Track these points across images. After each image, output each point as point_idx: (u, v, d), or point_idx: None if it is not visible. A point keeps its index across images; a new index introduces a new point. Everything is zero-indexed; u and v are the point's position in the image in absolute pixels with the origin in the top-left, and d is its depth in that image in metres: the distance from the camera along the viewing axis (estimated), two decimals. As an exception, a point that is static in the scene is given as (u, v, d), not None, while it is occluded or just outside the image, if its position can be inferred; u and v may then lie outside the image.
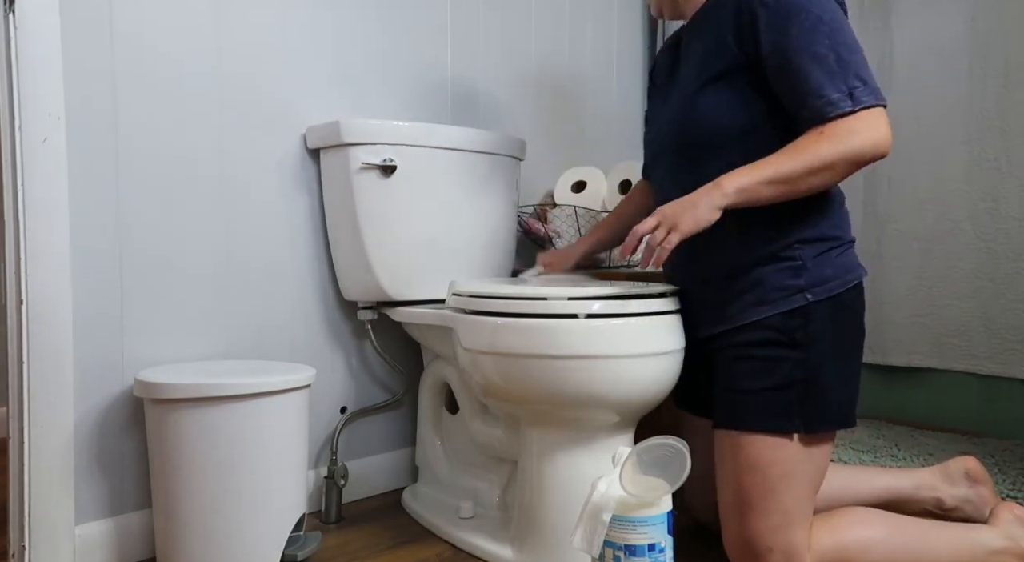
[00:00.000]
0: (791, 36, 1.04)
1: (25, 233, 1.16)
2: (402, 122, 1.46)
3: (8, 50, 1.14)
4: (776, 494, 1.05)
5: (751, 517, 1.06)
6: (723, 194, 1.04)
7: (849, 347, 1.12)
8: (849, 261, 1.13)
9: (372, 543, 1.37)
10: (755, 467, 1.07)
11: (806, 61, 1.03)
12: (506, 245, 1.65)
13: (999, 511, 1.18)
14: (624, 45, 2.20)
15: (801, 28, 1.03)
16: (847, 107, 1.01)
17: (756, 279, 1.11)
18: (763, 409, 1.08)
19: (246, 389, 1.15)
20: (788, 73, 1.05)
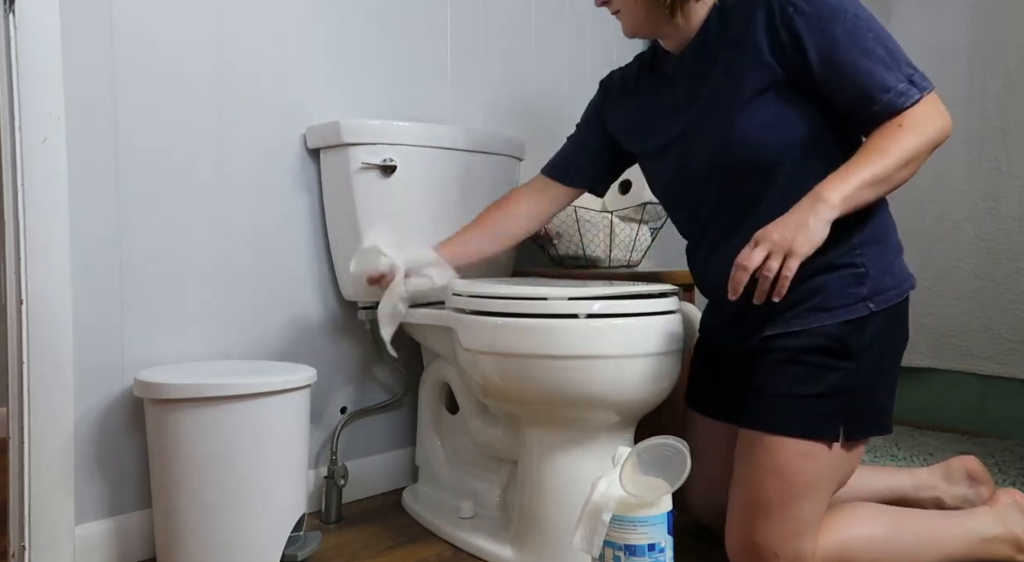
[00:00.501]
0: (837, 36, 1.03)
1: (25, 233, 1.16)
2: (402, 122, 1.46)
3: (8, 50, 1.14)
4: (797, 502, 1.04)
5: (765, 522, 1.05)
6: (830, 207, 0.99)
7: (896, 356, 1.12)
8: (904, 268, 1.13)
9: (372, 543, 1.37)
10: (780, 473, 1.05)
11: (859, 58, 1.03)
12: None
13: (999, 495, 1.18)
14: (624, 44, 2.20)
15: (844, 27, 1.03)
16: (916, 94, 1.02)
17: (817, 286, 1.09)
18: (804, 415, 1.06)
19: (246, 389, 1.15)
20: (843, 73, 1.04)
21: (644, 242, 1.78)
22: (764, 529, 1.04)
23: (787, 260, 0.98)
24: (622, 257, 1.75)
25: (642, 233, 1.76)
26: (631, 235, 1.74)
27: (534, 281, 1.40)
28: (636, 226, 1.74)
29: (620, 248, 1.73)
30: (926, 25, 2.10)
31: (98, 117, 1.24)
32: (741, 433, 1.11)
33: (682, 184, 1.24)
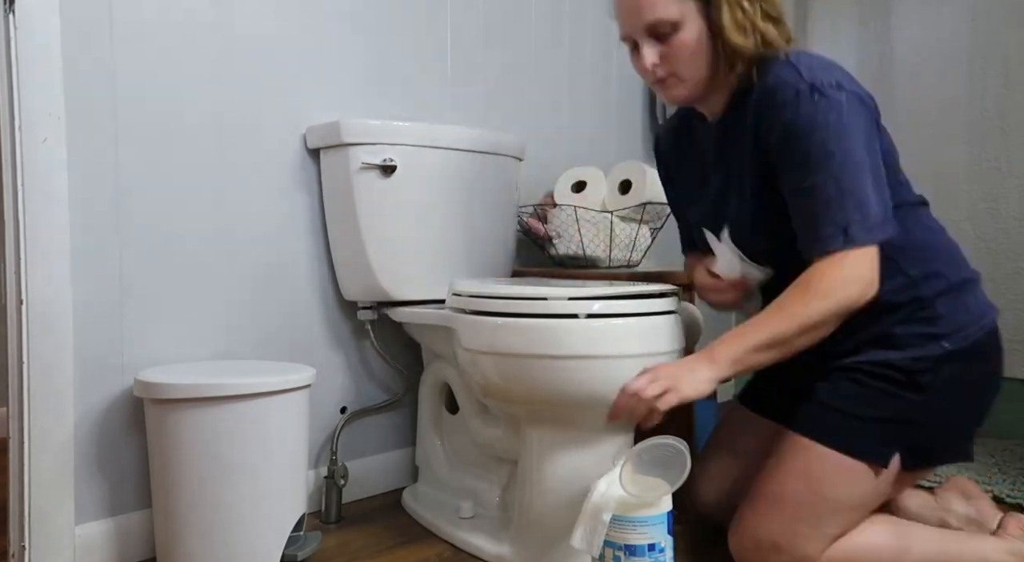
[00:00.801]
0: (795, 166, 1.03)
1: (25, 233, 1.16)
2: (402, 122, 1.46)
3: (8, 50, 1.14)
4: (821, 513, 1.03)
5: (780, 519, 1.04)
6: (718, 368, 1.02)
7: (979, 393, 1.09)
8: (981, 301, 1.10)
9: (372, 543, 1.37)
10: (815, 481, 1.04)
11: (806, 191, 1.02)
12: (506, 245, 1.65)
13: (1008, 524, 1.16)
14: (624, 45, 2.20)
15: (803, 157, 1.01)
16: (837, 246, 1.00)
17: (885, 332, 1.08)
18: (857, 434, 1.05)
19: (246, 389, 1.15)
20: (791, 197, 1.04)
21: (644, 242, 1.78)
22: (778, 526, 1.04)
23: (666, 394, 1.01)
24: (622, 257, 1.75)
25: (642, 233, 1.76)
26: (631, 235, 1.74)
27: (534, 281, 1.40)
28: (636, 226, 1.74)
29: (620, 248, 1.73)
30: (926, 25, 2.10)
31: (98, 117, 1.24)
32: (786, 434, 1.10)
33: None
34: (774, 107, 1.04)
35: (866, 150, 1.01)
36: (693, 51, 1.08)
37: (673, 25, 1.07)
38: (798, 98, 1.01)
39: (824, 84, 1.01)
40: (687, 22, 1.07)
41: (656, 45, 1.10)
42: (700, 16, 1.07)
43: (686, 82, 1.12)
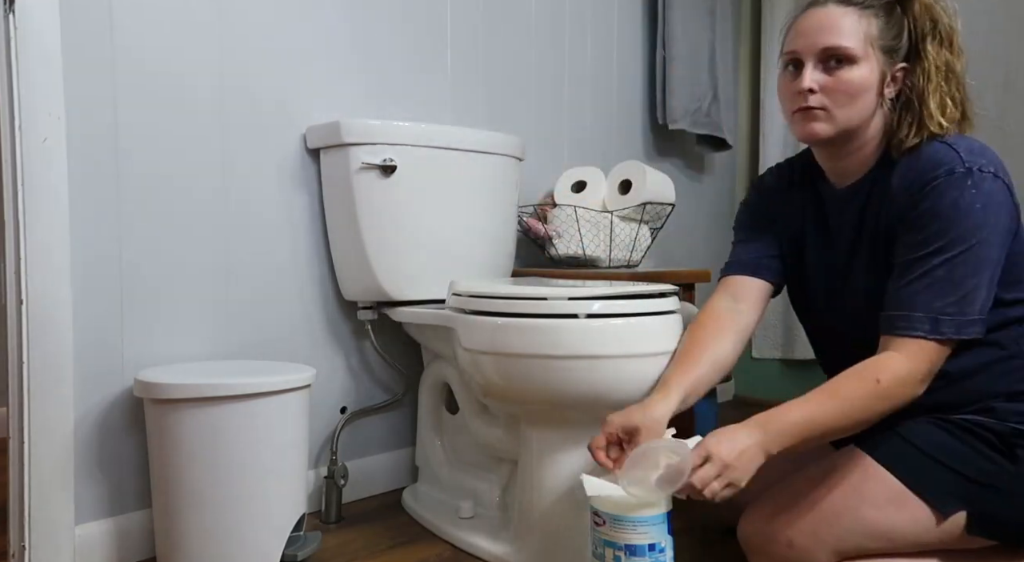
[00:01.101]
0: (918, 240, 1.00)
1: (25, 233, 1.16)
2: (402, 122, 1.46)
3: (8, 50, 1.14)
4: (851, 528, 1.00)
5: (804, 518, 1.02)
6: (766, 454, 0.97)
7: None
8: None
9: (372, 543, 1.37)
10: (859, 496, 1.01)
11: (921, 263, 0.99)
12: (506, 245, 1.65)
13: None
14: (624, 45, 2.20)
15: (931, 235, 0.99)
16: (919, 332, 0.97)
17: (987, 406, 1.05)
18: (926, 473, 1.01)
19: (246, 389, 1.15)
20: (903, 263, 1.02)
21: (644, 242, 1.78)
22: (802, 526, 1.02)
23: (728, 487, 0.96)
24: (622, 257, 1.75)
25: (642, 233, 1.76)
26: (631, 235, 1.74)
27: (534, 281, 1.40)
28: (636, 226, 1.74)
29: (620, 248, 1.73)
30: (926, 25, 2.10)
31: (98, 117, 1.24)
32: (847, 450, 1.08)
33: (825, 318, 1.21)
34: (924, 180, 1.00)
35: (999, 248, 0.99)
36: (855, 93, 1.04)
37: (849, 58, 1.03)
38: (951, 177, 0.99)
39: (982, 170, 0.99)
40: (864, 62, 1.04)
41: (821, 73, 1.05)
42: (879, 67, 1.04)
43: (834, 121, 1.06)
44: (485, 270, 1.59)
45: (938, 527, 1.01)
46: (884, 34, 1.04)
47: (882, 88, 1.05)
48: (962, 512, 1.01)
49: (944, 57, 1.05)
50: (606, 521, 0.99)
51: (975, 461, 1.02)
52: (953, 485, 1.01)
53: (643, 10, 2.26)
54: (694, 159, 2.48)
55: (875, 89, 1.05)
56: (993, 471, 1.01)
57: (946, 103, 1.04)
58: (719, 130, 2.33)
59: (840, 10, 1.05)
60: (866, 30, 1.04)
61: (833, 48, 1.04)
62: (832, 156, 1.12)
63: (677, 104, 2.19)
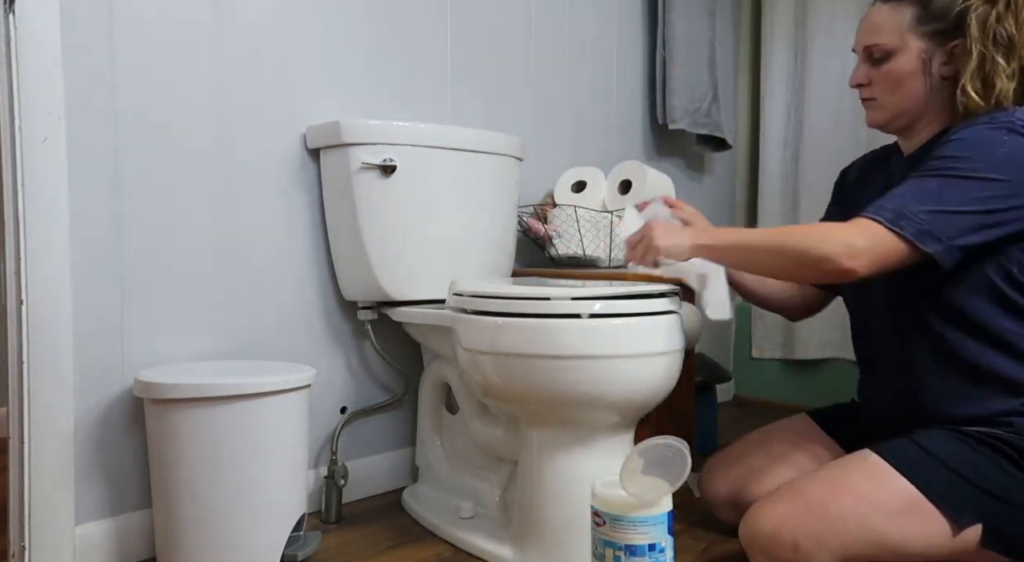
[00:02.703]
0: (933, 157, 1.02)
1: (25, 233, 1.16)
2: (402, 122, 1.46)
3: (8, 50, 1.14)
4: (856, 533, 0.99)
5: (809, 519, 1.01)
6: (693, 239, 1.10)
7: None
8: None
9: (372, 543, 1.37)
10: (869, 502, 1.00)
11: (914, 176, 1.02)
12: (506, 245, 1.65)
13: None
14: (624, 45, 2.20)
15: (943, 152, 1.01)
16: (877, 217, 0.98)
17: (1002, 422, 1.04)
18: (945, 482, 1.00)
19: (246, 389, 1.15)
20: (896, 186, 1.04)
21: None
22: (808, 528, 1.00)
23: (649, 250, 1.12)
24: (622, 257, 1.75)
25: (642, 233, 1.76)
26: (631, 235, 1.73)
27: (535, 281, 1.40)
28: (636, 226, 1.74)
29: (620, 248, 1.73)
30: (926, 25, 2.10)
31: (98, 117, 1.24)
32: (861, 454, 1.07)
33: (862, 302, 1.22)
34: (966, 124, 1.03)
35: (1007, 203, 0.98)
36: (896, 83, 1.11)
37: (887, 53, 1.11)
38: (991, 122, 1.01)
39: (1021, 124, 1.00)
40: (902, 54, 1.10)
41: (870, 67, 1.14)
42: (922, 54, 1.09)
43: (884, 110, 1.14)
44: (485, 270, 1.59)
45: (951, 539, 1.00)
46: (921, 20, 1.08)
47: (929, 70, 1.08)
48: (978, 525, 0.99)
49: (993, 30, 1.03)
50: (606, 521, 0.99)
51: (993, 474, 1.00)
52: (970, 497, 1.00)
53: (643, 10, 2.26)
54: (694, 159, 2.48)
55: (919, 74, 1.09)
56: (1011, 485, 1.00)
57: (992, 80, 1.03)
58: (719, 130, 2.33)
59: (878, 7, 1.13)
60: (899, 21, 1.09)
61: (870, 46, 1.13)
62: (903, 136, 1.19)
63: (677, 104, 2.19)
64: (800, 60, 2.43)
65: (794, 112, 2.45)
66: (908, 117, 1.14)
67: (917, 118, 1.13)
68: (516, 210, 1.68)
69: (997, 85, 1.03)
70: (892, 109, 1.13)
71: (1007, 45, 1.03)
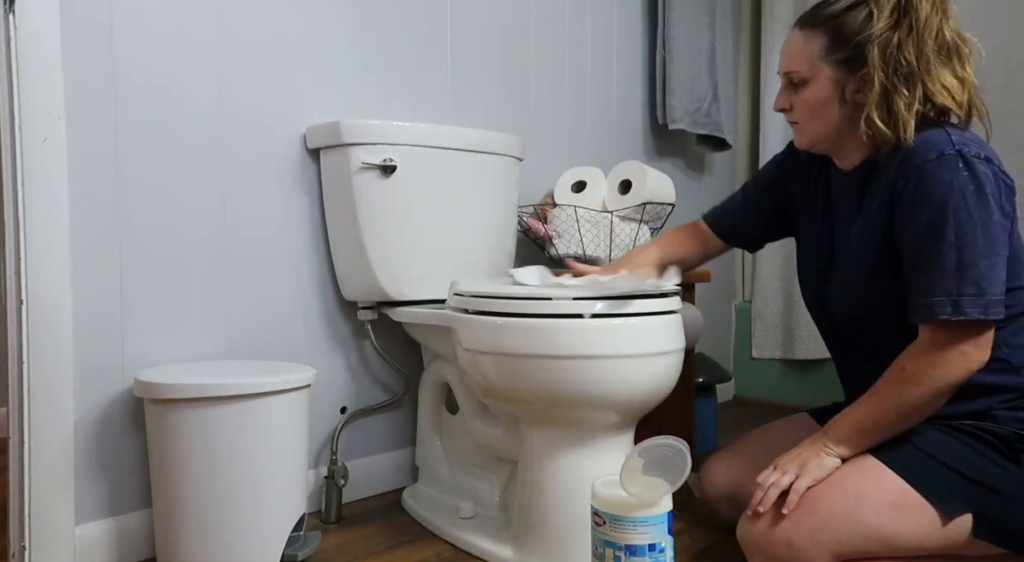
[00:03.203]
0: (920, 226, 1.01)
1: (25, 233, 1.16)
2: (402, 122, 1.46)
3: (8, 50, 1.14)
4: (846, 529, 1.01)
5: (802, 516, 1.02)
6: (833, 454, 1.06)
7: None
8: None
9: (372, 543, 1.37)
10: (859, 497, 1.02)
11: (927, 253, 1.00)
12: (506, 245, 1.65)
13: None
14: (624, 45, 2.20)
15: (931, 219, 1.00)
16: (945, 315, 0.98)
17: (986, 411, 1.06)
18: (933, 474, 1.02)
19: (246, 389, 1.15)
20: (909, 256, 1.03)
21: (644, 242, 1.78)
22: (800, 526, 1.02)
23: (798, 479, 1.05)
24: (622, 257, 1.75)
25: (642, 233, 1.76)
26: (631, 235, 1.74)
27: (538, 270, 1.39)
28: (636, 226, 1.74)
29: (620, 248, 1.73)
30: (926, 25, 2.10)
31: (98, 117, 1.24)
32: None
33: (820, 310, 1.24)
34: (915, 164, 1.02)
35: (999, 229, 0.99)
36: (814, 110, 1.13)
37: (802, 80, 1.12)
38: (941, 160, 1.00)
39: (972, 154, 1.00)
40: (815, 83, 1.11)
41: (790, 92, 1.16)
42: (834, 83, 1.09)
43: (806, 134, 1.17)
44: (485, 270, 1.59)
45: (942, 531, 1.01)
46: (831, 49, 1.08)
47: (843, 97, 1.10)
48: (968, 515, 1.00)
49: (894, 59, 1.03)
50: (606, 521, 0.99)
51: (980, 464, 1.02)
52: (959, 487, 1.01)
53: (643, 10, 2.26)
54: (694, 159, 2.48)
55: (833, 101, 1.11)
56: (999, 474, 1.02)
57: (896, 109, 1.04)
58: (719, 130, 2.33)
59: (795, 34, 1.14)
60: (812, 49, 1.10)
61: (786, 73, 1.15)
62: (834, 156, 1.20)
63: (677, 104, 2.19)
64: (800, 60, 2.43)
65: (794, 112, 2.45)
66: (830, 142, 1.15)
67: (840, 143, 1.15)
68: (516, 210, 1.68)
69: (901, 116, 1.03)
70: (812, 134, 1.16)
71: (908, 74, 1.03)
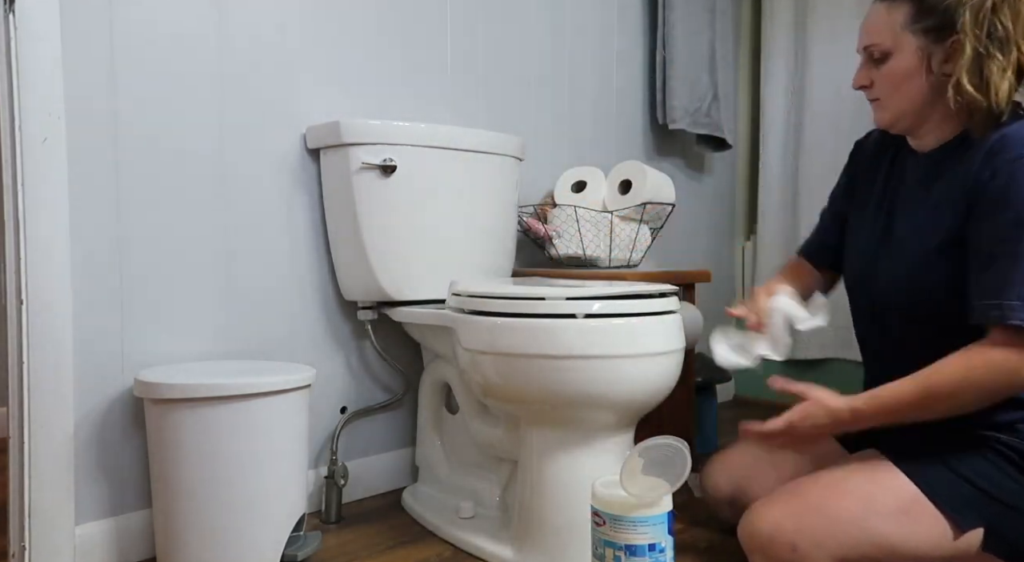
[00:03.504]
0: (1001, 225, 0.97)
1: (25, 233, 1.16)
2: (402, 122, 1.46)
3: (8, 50, 1.14)
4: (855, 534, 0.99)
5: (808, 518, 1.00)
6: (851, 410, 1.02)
7: None
8: None
9: (372, 543, 1.37)
10: (869, 503, 1.00)
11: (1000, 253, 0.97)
12: (506, 245, 1.65)
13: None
14: (624, 45, 2.20)
15: (1014, 220, 0.96)
16: (1015, 319, 0.94)
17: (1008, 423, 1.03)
18: (948, 484, 1.00)
19: (246, 389, 1.15)
20: (982, 255, 0.99)
21: (644, 242, 1.78)
22: (806, 528, 1.00)
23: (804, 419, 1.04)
24: (622, 257, 1.75)
25: (642, 233, 1.76)
26: (631, 235, 1.74)
27: (534, 281, 1.40)
28: (636, 226, 1.74)
29: (620, 248, 1.73)
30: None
31: (98, 117, 1.24)
32: (865, 455, 1.07)
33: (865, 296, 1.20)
34: (1005, 159, 0.98)
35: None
36: (897, 84, 1.07)
37: (885, 54, 1.07)
38: None
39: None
40: (899, 54, 1.06)
41: (870, 67, 1.11)
42: (920, 53, 1.04)
43: (888, 110, 1.11)
44: (485, 270, 1.59)
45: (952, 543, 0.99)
46: (916, 17, 1.04)
47: (930, 68, 1.05)
48: (980, 529, 0.99)
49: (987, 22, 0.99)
50: (606, 521, 0.99)
51: (998, 479, 1.00)
52: (975, 501, 0.99)
53: (643, 10, 2.26)
54: (694, 159, 2.48)
55: (919, 73, 1.06)
56: (1016, 491, 1.00)
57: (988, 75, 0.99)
58: (719, 130, 2.33)
59: (876, 7, 1.10)
60: (895, 20, 1.06)
61: (867, 47, 1.10)
62: (911, 136, 1.15)
63: (677, 104, 2.19)
64: (800, 60, 2.43)
65: (794, 112, 2.45)
66: (913, 117, 1.10)
67: (924, 118, 1.09)
68: (516, 210, 1.68)
69: (993, 81, 0.99)
70: (896, 109, 1.10)
71: (1003, 38, 0.99)
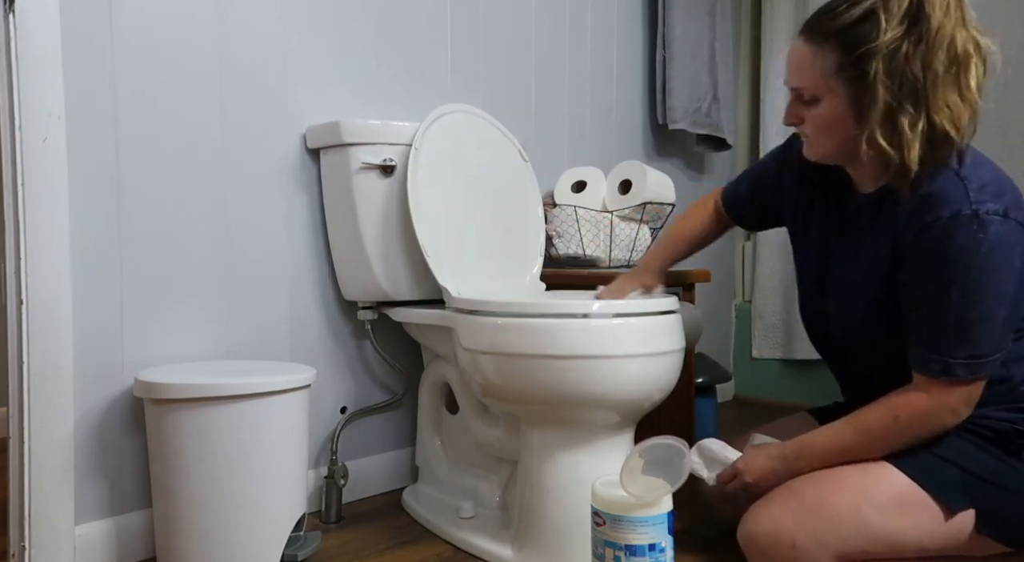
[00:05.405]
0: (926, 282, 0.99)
1: (25, 233, 1.16)
2: (402, 122, 1.46)
3: (8, 50, 1.14)
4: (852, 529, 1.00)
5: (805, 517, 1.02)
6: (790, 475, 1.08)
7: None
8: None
9: (372, 543, 1.37)
10: (864, 495, 1.01)
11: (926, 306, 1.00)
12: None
13: None
14: (624, 45, 2.20)
15: (937, 278, 0.97)
16: (934, 374, 0.99)
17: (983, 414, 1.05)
18: (936, 470, 1.02)
19: (246, 389, 1.15)
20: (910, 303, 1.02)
21: (644, 242, 1.78)
22: (805, 526, 1.01)
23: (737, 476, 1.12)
24: (622, 257, 1.75)
25: (642, 233, 1.76)
26: (631, 235, 1.74)
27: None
28: (636, 226, 1.74)
29: (620, 248, 1.73)
30: (926, 25, 2.10)
31: (98, 117, 1.24)
32: None
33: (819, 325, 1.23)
34: (928, 219, 0.97)
35: (1012, 287, 0.97)
36: (822, 129, 1.05)
37: (813, 97, 1.04)
38: (956, 219, 0.95)
39: (988, 213, 0.94)
40: (825, 100, 1.02)
41: (799, 105, 1.07)
42: (846, 100, 1.00)
43: (815, 148, 1.10)
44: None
45: (945, 528, 1.01)
46: (843, 66, 0.99)
47: (860, 116, 1.00)
48: (971, 511, 1.01)
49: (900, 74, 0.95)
50: (606, 521, 0.99)
51: (981, 458, 1.02)
52: (960, 481, 1.01)
53: (643, 10, 2.26)
54: (694, 159, 2.48)
55: (848, 118, 1.02)
56: (1000, 469, 1.02)
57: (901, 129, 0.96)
58: (719, 130, 2.33)
59: (802, 46, 1.04)
60: (822, 66, 1.01)
61: (795, 89, 1.06)
62: (848, 167, 1.13)
63: (677, 104, 2.19)
64: (800, 60, 2.43)
65: (794, 112, 2.45)
66: (842, 159, 1.09)
67: (853, 159, 1.07)
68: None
69: (905, 137, 0.96)
70: (823, 150, 1.09)
71: (914, 91, 0.95)
